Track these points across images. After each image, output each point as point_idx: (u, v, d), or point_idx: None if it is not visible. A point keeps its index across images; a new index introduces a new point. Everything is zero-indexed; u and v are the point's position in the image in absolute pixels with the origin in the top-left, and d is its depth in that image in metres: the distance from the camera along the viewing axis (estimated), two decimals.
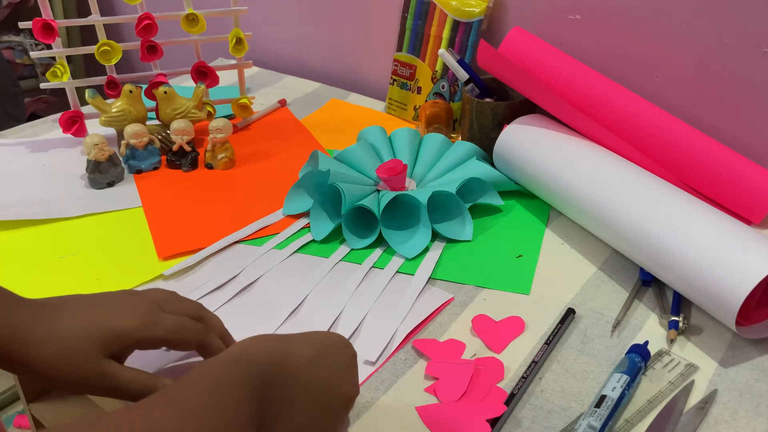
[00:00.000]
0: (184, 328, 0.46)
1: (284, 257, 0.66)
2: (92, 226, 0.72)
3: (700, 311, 0.57)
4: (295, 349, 0.42)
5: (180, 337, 0.46)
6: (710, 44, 0.72)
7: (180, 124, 0.81)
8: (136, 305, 0.45)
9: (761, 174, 0.67)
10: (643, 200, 0.60)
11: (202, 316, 0.49)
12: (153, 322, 0.45)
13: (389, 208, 0.68)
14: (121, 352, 0.45)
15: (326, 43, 1.11)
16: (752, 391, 0.50)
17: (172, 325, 0.46)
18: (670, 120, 0.70)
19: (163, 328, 0.45)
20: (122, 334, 0.44)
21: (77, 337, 0.43)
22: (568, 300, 0.60)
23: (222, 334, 0.50)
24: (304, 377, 0.41)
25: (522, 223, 0.71)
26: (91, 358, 0.43)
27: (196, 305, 0.50)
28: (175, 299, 0.49)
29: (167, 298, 0.48)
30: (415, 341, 0.55)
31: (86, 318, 0.44)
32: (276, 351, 0.41)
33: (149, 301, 0.46)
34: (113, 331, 0.43)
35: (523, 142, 0.71)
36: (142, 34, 0.83)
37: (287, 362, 0.41)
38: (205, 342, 0.47)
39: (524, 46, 0.78)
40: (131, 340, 0.44)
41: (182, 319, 0.47)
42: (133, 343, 0.45)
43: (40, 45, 1.57)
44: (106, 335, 0.43)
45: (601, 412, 0.46)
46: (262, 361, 0.39)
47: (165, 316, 0.46)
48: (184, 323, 0.47)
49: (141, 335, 0.44)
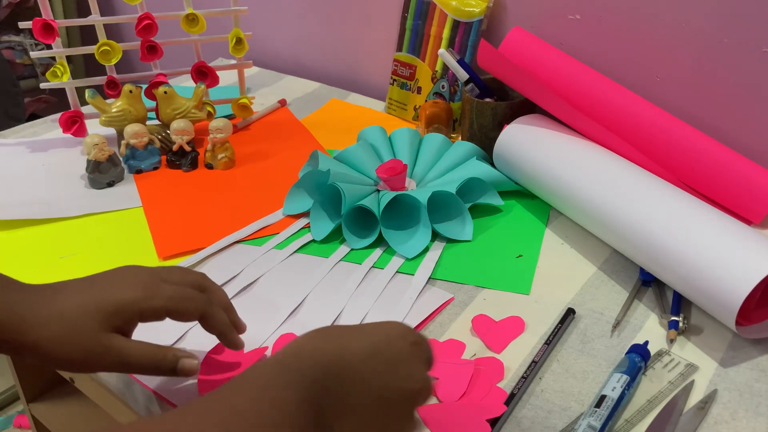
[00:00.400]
0: (186, 298, 0.46)
1: (284, 257, 0.66)
2: (92, 226, 0.72)
3: (700, 311, 0.57)
4: (350, 346, 0.39)
5: (182, 307, 0.45)
6: (710, 44, 0.72)
7: (180, 124, 0.81)
8: (136, 277, 0.45)
9: (761, 174, 0.67)
10: (643, 200, 0.60)
11: (205, 286, 0.49)
12: (153, 292, 0.45)
13: (389, 208, 0.68)
14: (124, 325, 0.44)
15: (326, 43, 1.11)
16: (752, 391, 0.50)
17: (173, 294, 0.45)
18: (670, 120, 0.70)
19: (164, 297, 0.45)
20: (123, 307, 0.43)
21: (78, 315, 0.42)
22: (568, 300, 0.60)
23: (225, 306, 0.50)
24: (360, 375, 0.38)
25: (522, 223, 0.71)
26: (95, 333, 0.42)
27: (199, 275, 0.49)
28: (176, 270, 0.49)
29: (168, 269, 0.48)
30: None
31: (86, 296, 0.44)
32: (330, 350, 0.39)
33: (150, 273, 0.46)
34: (114, 304, 0.43)
35: (523, 142, 0.71)
36: (142, 34, 0.83)
37: (342, 361, 0.38)
38: (208, 312, 0.47)
39: (524, 46, 0.78)
40: (132, 312, 0.44)
41: (184, 288, 0.46)
42: (135, 315, 0.44)
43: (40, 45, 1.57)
44: (107, 309, 0.43)
45: (601, 412, 0.46)
46: (316, 361, 0.38)
47: (166, 286, 0.45)
48: (186, 293, 0.46)
49: (142, 306, 0.44)
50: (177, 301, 0.45)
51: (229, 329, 0.49)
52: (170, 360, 0.45)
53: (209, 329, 0.48)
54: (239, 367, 0.52)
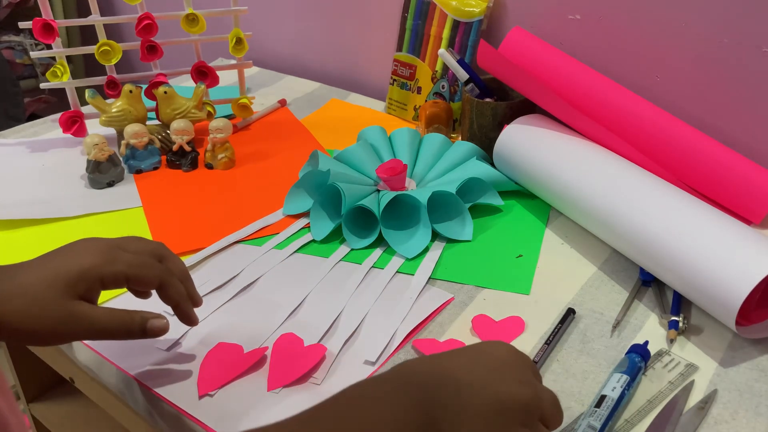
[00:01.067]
0: (145, 265, 0.47)
1: (284, 257, 0.66)
2: (92, 226, 0.72)
3: (700, 311, 0.57)
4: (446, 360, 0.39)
5: (141, 273, 0.47)
6: (710, 44, 0.72)
7: (180, 124, 0.81)
8: (95, 245, 0.46)
9: (761, 174, 0.67)
10: (643, 200, 0.60)
11: (163, 255, 0.50)
12: (113, 258, 0.46)
13: (389, 208, 0.68)
14: (87, 292, 0.45)
15: (326, 43, 1.11)
16: (752, 391, 0.50)
17: (132, 260, 0.46)
18: (670, 120, 0.70)
19: (124, 263, 0.46)
20: (84, 273, 0.44)
21: (41, 286, 0.43)
22: (568, 300, 0.60)
23: (183, 276, 0.50)
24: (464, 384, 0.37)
25: (522, 223, 0.71)
26: (59, 302, 0.43)
27: (157, 244, 0.50)
28: (134, 239, 0.50)
29: (126, 238, 0.49)
30: (415, 341, 0.55)
31: (47, 267, 0.44)
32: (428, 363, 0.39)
33: (108, 242, 0.47)
34: (75, 271, 0.44)
35: (523, 142, 0.71)
36: (142, 34, 0.83)
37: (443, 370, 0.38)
38: (166, 281, 0.48)
39: (524, 46, 0.78)
40: (94, 278, 0.45)
41: (143, 256, 0.47)
42: (97, 281, 0.45)
43: (40, 45, 1.57)
44: (69, 277, 0.44)
45: (601, 412, 0.46)
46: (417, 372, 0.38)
47: (125, 253, 0.47)
48: (145, 260, 0.47)
49: (102, 271, 0.45)
50: (136, 267, 0.46)
51: (185, 301, 0.49)
52: (138, 322, 0.46)
53: (166, 299, 0.49)
54: (239, 366, 0.52)
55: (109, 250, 0.46)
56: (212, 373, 0.51)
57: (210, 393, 0.50)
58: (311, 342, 0.55)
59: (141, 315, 0.46)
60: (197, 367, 0.52)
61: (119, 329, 0.45)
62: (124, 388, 0.53)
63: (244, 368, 0.52)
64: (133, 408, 0.53)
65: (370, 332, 0.56)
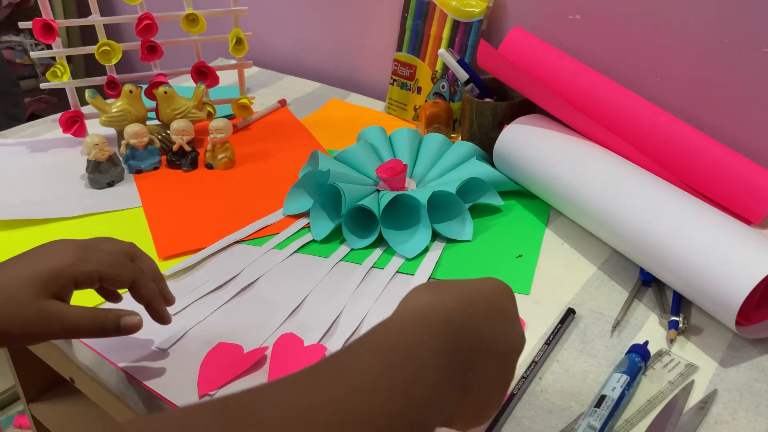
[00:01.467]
0: (117, 263, 0.47)
1: (284, 257, 0.66)
2: (92, 226, 0.72)
3: (700, 311, 0.57)
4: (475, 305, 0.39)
5: (114, 272, 0.47)
6: (710, 44, 0.72)
7: (180, 124, 0.81)
8: (68, 246, 0.46)
9: (761, 174, 0.67)
10: (643, 200, 0.60)
11: (135, 254, 0.50)
12: (85, 257, 0.46)
13: (389, 208, 0.68)
14: (60, 291, 0.45)
15: (326, 43, 1.11)
16: (752, 391, 0.50)
17: (105, 259, 0.47)
18: (670, 120, 0.70)
19: (96, 262, 0.46)
20: (57, 272, 0.44)
21: (13, 285, 0.43)
22: (568, 300, 0.60)
23: (155, 275, 0.51)
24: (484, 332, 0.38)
25: (522, 223, 0.71)
26: (31, 302, 0.43)
27: (128, 244, 0.51)
28: (106, 239, 0.50)
29: (98, 238, 0.50)
30: None
31: (18, 267, 0.45)
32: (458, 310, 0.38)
33: (80, 242, 0.47)
34: (48, 271, 0.44)
35: (523, 142, 0.71)
36: (142, 34, 0.83)
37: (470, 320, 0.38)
38: (139, 280, 0.48)
39: (524, 47, 0.78)
40: (67, 277, 0.45)
41: (115, 255, 0.48)
42: (70, 280, 0.45)
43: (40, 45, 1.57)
44: (42, 277, 0.44)
45: (601, 412, 0.46)
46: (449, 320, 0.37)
47: (98, 252, 0.47)
48: (117, 258, 0.48)
49: (75, 270, 0.45)
50: (109, 266, 0.47)
51: (158, 299, 0.50)
52: (112, 319, 0.46)
53: (138, 298, 0.49)
54: (239, 366, 0.52)
55: (82, 250, 0.46)
56: (212, 373, 0.51)
57: (210, 393, 0.50)
58: (311, 342, 0.55)
59: (115, 312, 0.47)
60: (197, 366, 0.52)
61: (93, 327, 0.45)
62: (124, 388, 0.53)
63: (244, 368, 0.52)
64: (133, 408, 0.53)
65: None
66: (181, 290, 0.61)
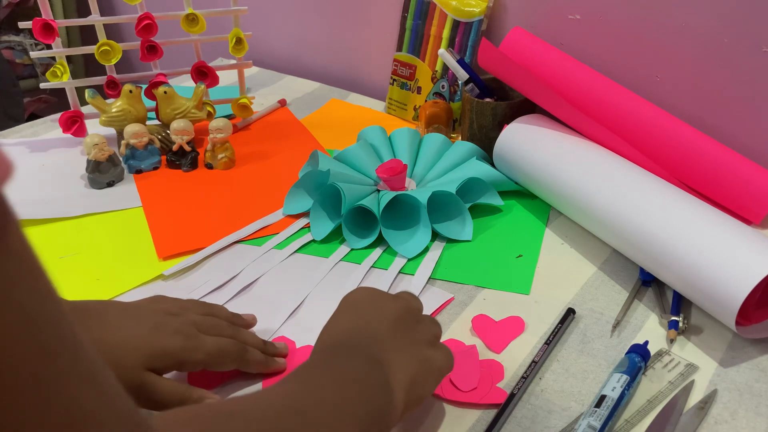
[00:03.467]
0: (224, 352, 0.48)
1: (284, 257, 0.66)
2: (92, 226, 0.72)
3: (700, 311, 0.57)
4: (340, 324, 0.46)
5: (219, 362, 0.48)
6: (710, 44, 0.72)
7: (180, 124, 0.81)
8: (180, 327, 0.48)
9: (761, 174, 0.67)
10: (643, 200, 0.60)
11: (237, 333, 0.51)
12: (195, 345, 0.47)
13: (389, 208, 0.68)
14: (163, 369, 0.47)
15: (326, 43, 1.11)
16: (752, 391, 0.50)
17: (212, 348, 0.48)
18: (670, 120, 0.70)
19: (204, 352, 0.47)
20: (167, 354, 0.46)
21: (126, 349, 0.45)
22: (568, 300, 0.60)
23: (258, 345, 0.52)
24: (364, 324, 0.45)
25: (522, 223, 0.71)
26: (135, 370, 0.45)
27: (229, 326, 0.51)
28: (210, 321, 0.51)
29: (204, 318, 0.50)
30: None
31: (135, 333, 0.46)
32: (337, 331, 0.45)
33: (189, 324, 0.48)
34: (160, 349, 0.46)
35: (523, 142, 0.71)
36: (142, 34, 0.83)
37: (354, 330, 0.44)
38: (243, 361, 0.50)
39: (524, 46, 0.78)
40: (174, 361, 0.46)
41: (222, 341, 0.49)
42: (176, 364, 0.47)
43: (40, 45, 1.57)
44: (152, 352, 0.46)
45: (601, 412, 0.46)
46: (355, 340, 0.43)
47: (206, 339, 0.48)
48: (224, 347, 0.49)
49: (184, 357, 0.47)
50: (216, 356, 0.48)
51: (265, 366, 0.51)
52: (195, 399, 0.47)
53: (248, 371, 0.51)
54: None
55: (193, 336, 0.48)
56: (203, 374, 0.51)
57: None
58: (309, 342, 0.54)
59: (199, 394, 0.48)
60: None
61: (175, 403, 0.46)
62: None
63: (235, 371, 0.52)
64: None
65: None
66: (181, 290, 0.61)
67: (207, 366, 0.48)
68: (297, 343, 0.55)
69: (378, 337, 0.43)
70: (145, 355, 0.45)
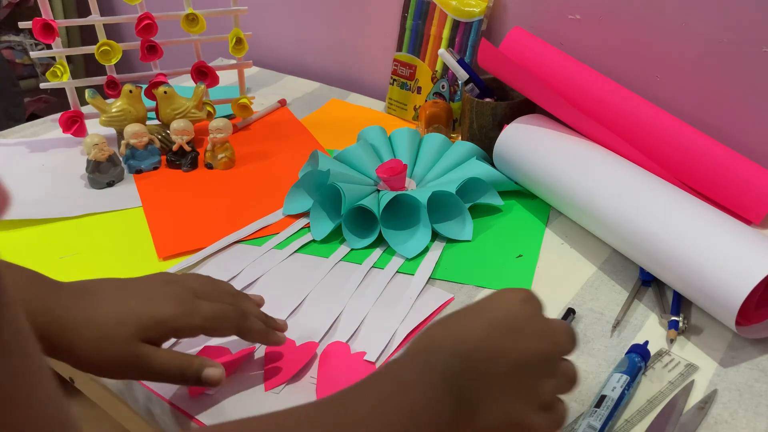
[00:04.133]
0: (222, 316, 0.47)
1: (284, 257, 0.66)
2: (92, 226, 0.72)
3: (700, 311, 0.57)
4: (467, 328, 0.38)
5: (216, 326, 0.47)
6: (710, 44, 0.72)
7: (180, 124, 0.81)
8: (174, 293, 0.46)
9: (761, 174, 0.67)
10: (643, 200, 0.60)
11: (238, 301, 0.50)
12: (190, 310, 0.46)
13: (389, 208, 0.68)
14: (157, 338, 0.45)
15: (326, 43, 1.11)
16: (752, 391, 0.50)
17: (209, 312, 0.46)
18: (669, 120, 0.70)
19: (201, 316, 0.46)
20: (160, 322, 0.44)
21: (115, 323, 0.43)
22: (568, 300, 0.60)
23: (260, 316, 0.51)
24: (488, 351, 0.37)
25: (522, 223, 0.71)
26: (128, 343, 0.43)
27: (228, 287, 0.50)
28: (208, 283, 0.49)
29: (200, 282, 0.49)
30: None
31: (124, 305, 0.44)
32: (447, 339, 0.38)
33: (187, 291, 0.47)
34: (151, 318, 0.44)
35: (523, 142, 0.71)
36: (142, 34, 0.83)
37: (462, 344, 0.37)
38: (243, 327, 0.48)
39: (524, 46, 0.78)
40: (168, 328, 0.45)
41: (219, 306, 0.47)
42: (171, 331, 0.45)
43: (40, 45, 1.57)
44: (144, 322, 0.44)
45: (601, 412, 0.46)
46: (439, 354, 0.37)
47: (202, 303, 0.46)
48: (222, 310, 0.47)
49: (178, 323, 0.45)
50: (213, 320, 0.46)
51: (266, 337, 0.50)
52: (196, 368, 0.46)
53: (248, 340, 0.50)
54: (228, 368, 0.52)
55: (188, 302, 0.46)
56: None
57: (209, 392, 0.50)
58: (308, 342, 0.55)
59: (200, 362, 0.46)
60: None
61: (175, 374, 0.45)
62: (124, 388, 0.53)
63: (232, 369, 0.52)
64: (132, 408, 0.53)
65: (370, 332, 0.56)
66: None
67: (205, 331, 0.46)
68: (297, 343, 0.55)
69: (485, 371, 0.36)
70: (135, 326, 0.44)
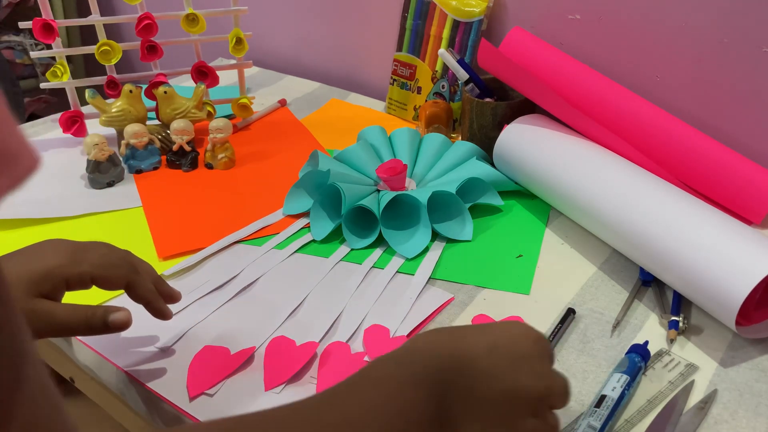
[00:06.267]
0: (109, 265, 0.47)
1: (284, 257, 0.66)
2: (92, 226, 0.72)
3: (700, 311, 0.57)
4: (469, 340, 0.38)
5: (106, 273, 0.47)
6: (710, 44, 0.72)
7: (180, 124, 0.81)
8: (60, 246, 0.46)
9: (761, 174, 0.67)
10: (643, 200, 0.60)
11: (131, 261, 0.50)
12: (78, 259, 0.46)
13: (389, 208, 0.68)
14: (51, 291, 0.45)
15: (326, 43, 1.11)
16: (752, 391, 0.50)
17: (97, 260, 0.46)
18: (669, 120, 0.70)
19: (89, 264, 0.46)
20: (48, 273, 0.44)
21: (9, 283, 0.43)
22: (568, 300, 0.60)
23: (154, 279, 0.51)
24: (483, 369, 0.36)
25: (522, 223, 0.71)
26: (22, 301, 0.43)
27: (125, 251, 0.50)
28: (103, 244, 0.49)
29: (95, 243, 0.49)
30: None
31: (11, 265, 0.44)
32: (448, 342, 0.37)
33: (74, 244, 0.47)
34: (38, 271, 0.44)
35: (523, 142, 0.71)
36: (142, 34, 0.83)
37: (461, 353, 0.37)
38: (133, 280, 0.48)
39: (524, 46, 0.78)
40: (58, 278, 0.45)
41: (108, 257, 0.47)
42: (62, 281, 0.45)
43: (40, 45, 1.57)
44: (32, 276, 0.44)
45: (601, 412, 0.46)
46: (435, 352, 0.37)
47: (91, 254, 0.47)
48: (110, 260, 0.47)
49: (67, 272, 0.45)
50: (101, 268, 0.46)
51: (155, 297, 0.50)
52: (100, 316, 0.46)
53: (136, 299, 0.49)
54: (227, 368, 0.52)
55: (75, 252, 0.46)
56: (200, 375, 0.51)
57: (209, 392, 0.50)
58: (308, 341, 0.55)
59: (103, 309, 0.46)
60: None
61: (80, 324, 0.45)
62: (124, 387, 0.53)
63: (231, 369, 0.52)
64: (132, 407, 0.53)
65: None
66: (181, 290, 0.60)
67: (95, 281, 0.46)
68: (297, 343, 0.55)
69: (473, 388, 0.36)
70: (24, 283, 0.43)
